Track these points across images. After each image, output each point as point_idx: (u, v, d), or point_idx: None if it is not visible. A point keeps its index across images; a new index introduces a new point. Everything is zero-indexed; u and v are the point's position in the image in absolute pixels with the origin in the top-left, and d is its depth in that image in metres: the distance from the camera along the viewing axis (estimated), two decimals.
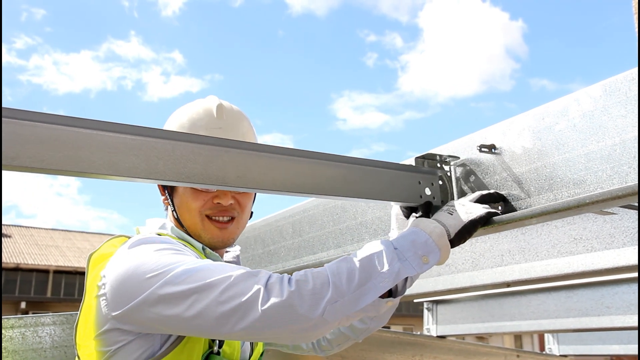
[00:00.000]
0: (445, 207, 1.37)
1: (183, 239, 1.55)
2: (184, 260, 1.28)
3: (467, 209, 1.34)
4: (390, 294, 1.30)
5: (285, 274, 1.24)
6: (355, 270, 1.21)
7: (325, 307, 1.17)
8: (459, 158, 1.51)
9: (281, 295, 1.17)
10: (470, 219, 1.32)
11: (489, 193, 1.41)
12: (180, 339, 1.37)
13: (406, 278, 1.28)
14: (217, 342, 1.43)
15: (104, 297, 1.33)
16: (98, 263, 1.44)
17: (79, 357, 1.44)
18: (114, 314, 1.30)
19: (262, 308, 1.16)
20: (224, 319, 1.18)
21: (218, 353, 1.42)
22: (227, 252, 1.73)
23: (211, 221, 1.56)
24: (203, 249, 1.54)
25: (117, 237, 1.52)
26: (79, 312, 1.46)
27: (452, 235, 1.30)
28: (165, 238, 1.43)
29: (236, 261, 1.72)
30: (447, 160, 1.53)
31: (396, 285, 1.29)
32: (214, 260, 1.52)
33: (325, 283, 1.19)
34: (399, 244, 1.26)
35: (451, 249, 1.31)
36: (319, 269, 1.24)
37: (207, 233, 1.56)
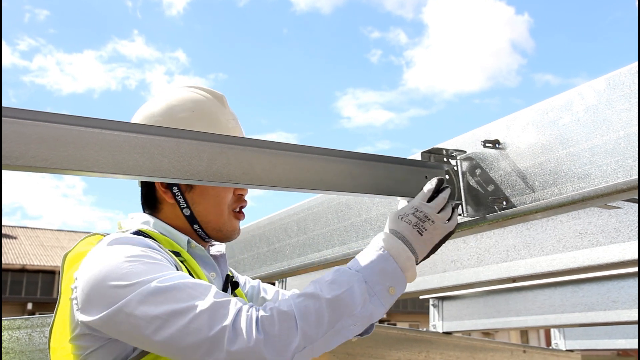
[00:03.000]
0: (414, 219, 1.31)
1: (168, 233, 1.49)
2: (154, 275, 1.22)
3: (435, 227, 1.32)
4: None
5: (254, 308, 1.20)
6: (324, 311, 1.18)
7: (294, 354, 1.15)
8: (465, 152, 1.51)
9: (248, 341, 1.13)
10: (436, 241, 1.32)
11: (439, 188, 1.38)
12: None
13: None
14: None
15: (76, 301, 1.28)
16: (73, 263, 1.39)
17: None
18: (82, 320, 1.26)
19: (228, 349, 1.13)
20: (190, 351, 1.15)
21: None
22: (212, 245, 1.66)
23: (234, 214, 1.57)
24: (188, 242, 1.49)
25: (93, 235, 1.46)
26: (54, 315, 1.42)
27: (419, 259, 1.31)
28: (141, 239, 1.35)
29: (221, 257, 1.63)
30: (454, 154, 1.52)
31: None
32: (199, 254, 1.50)
33: (292, 328, 1.16)
34: (368, 275, 1.23)
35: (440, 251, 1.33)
36: (285, 308, 1.19)
37: (230, 226, 1.56)
